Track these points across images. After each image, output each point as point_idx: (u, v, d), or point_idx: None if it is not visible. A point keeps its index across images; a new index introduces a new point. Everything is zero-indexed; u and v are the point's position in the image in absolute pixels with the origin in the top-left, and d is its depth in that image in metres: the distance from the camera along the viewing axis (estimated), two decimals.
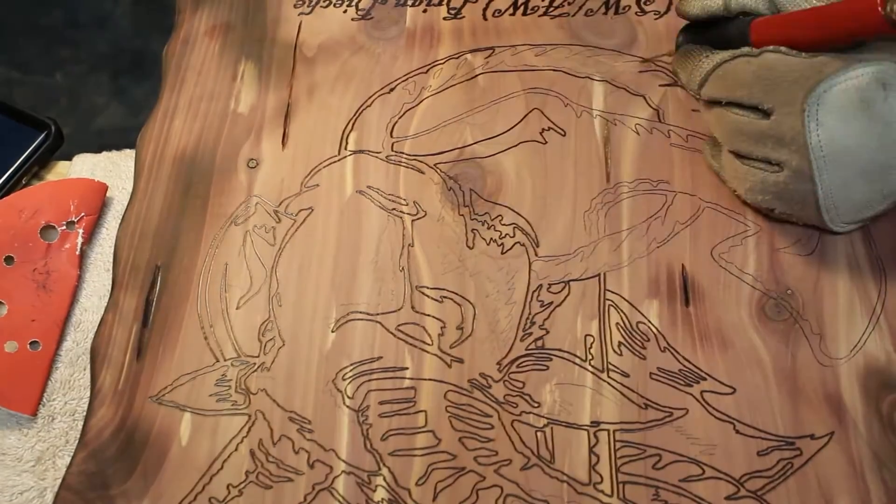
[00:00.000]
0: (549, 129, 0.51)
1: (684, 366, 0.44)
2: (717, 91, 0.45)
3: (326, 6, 0.58)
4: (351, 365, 0.45)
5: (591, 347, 0.44)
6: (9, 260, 0.49)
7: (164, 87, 0.55)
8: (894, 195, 0.43)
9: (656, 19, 0.54)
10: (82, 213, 0.51)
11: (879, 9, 0.38)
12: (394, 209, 0.49)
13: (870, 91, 0.40)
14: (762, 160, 0.44)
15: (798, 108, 0.41)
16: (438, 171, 0.50)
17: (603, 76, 0.52)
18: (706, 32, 0.47)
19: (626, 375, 0.44)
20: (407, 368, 0.45)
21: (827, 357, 0.43)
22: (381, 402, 0.44)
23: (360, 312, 0.46)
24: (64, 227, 0.51)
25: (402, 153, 0.51)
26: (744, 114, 0.43)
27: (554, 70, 0.53)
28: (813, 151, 0.41)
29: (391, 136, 0.52)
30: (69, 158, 0.55)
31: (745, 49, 0.43)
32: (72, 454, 0.44)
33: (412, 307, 0.46)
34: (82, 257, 0.51)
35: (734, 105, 0.44)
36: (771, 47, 0.42)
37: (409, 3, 0.57)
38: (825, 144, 0.41)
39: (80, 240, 0.51)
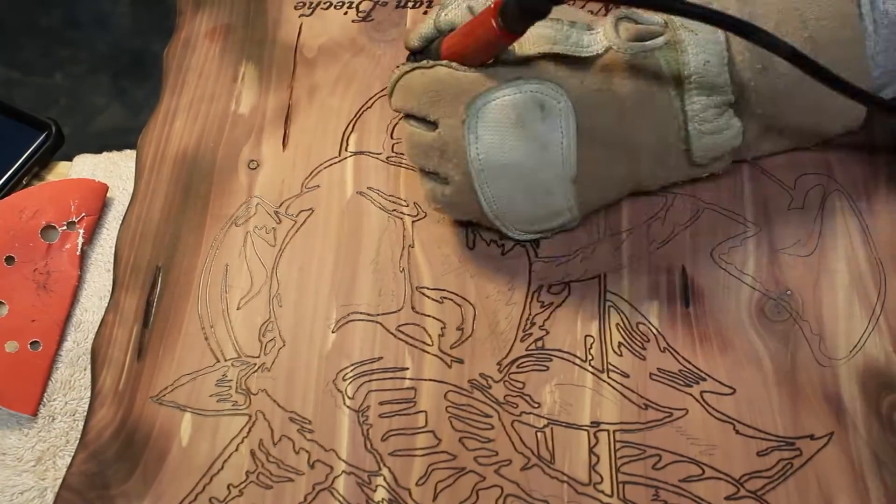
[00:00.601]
0: None
1: (684, 366, 0.44)
2: (397, 101, 0.44)
3: (327, 8, 0.58)
4: (351, 365, 0.45)
5: (591, 348, 0.44)
6: (9, 260, 0.49)
7: (164, 88, 0.55)
8: (563, 214, 0.44)
9: None
10: (83, 214, 0.51)
11: (492, 20, 0.37)
12: (394, 210, 0.49)
13: (526, 109, 0.40)
14: (433, 172, 0.44)
15: (458, 121, 0.41)
16: None
17: None
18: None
19: (626, 376, 0.44)
20: (407, 369, 0.45)
21: (826, 357, 0.43)
22: (381, 403, 0.44)
23: (361, 313, 0.47)
24: (64, 228, 0.51)
25: (403, 154, 0.51)
26: (416, 125, 0.43)
27: None
28: (472, 165, 0.41)
29: (391, 138, 0.52)
30: (69, 159, 0.55)
31: (424, 61, 0.43)
32: (72, 454, 0.44)
33: (412, 308, 0.46)
34: (83, 257, 0.51)
35: (410, 117, 0.44)
36: (444, 62, 0.42)
37: (410, 5, 0.57)
38: (483, 159, 0.41)
39: (80, 240, 0.51)
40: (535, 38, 0.41)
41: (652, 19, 0.43)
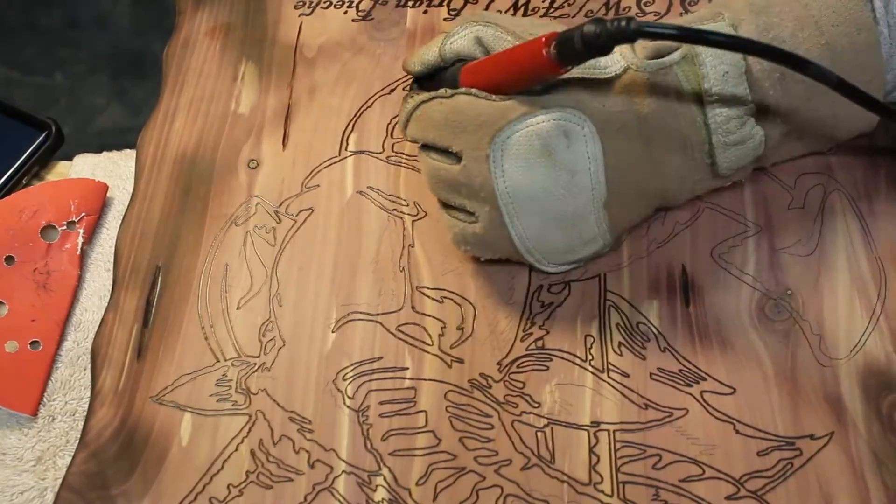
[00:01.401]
0: None
1: (684, 366, 0.44)
2: (415, 132, 0.43)
3: (327, 7, 0.58)
4: (351, 365, 0.45)
5: (591, 348, 0.44)
6: (9, 260, 0.49)
7: (164, 87, 0.55)
8: (596, 241, 0.43)
9: (656, 20, 0.54)
10: (83, 213, 0.51)
11: (543, 51, 0.36)
12: (394, 209, 0.49)
13: (551, 138, 0.39)
14: (460, 209, 0.43)
15: (483, 154, 0.40)
16: None
17: None
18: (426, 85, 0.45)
19: (626, 375, 0.44)
20: (407, 368, 0.45)
21: (827, 357, 0.43)
22: (381, 403, 0.44)
23: (361, 313, 0.47)
24: (64, 227, 0.51)
25: (403, 154, 0.51)
26: (439, 158, 0.42)
27: None
28: (501, 199, 0.40)
29: (392, 137, 0.52)
30: (69, 158, 0.55)
31: (441, 90, 0.41)
32: (72, 454, 0.44)
33: (412, 307, 0.46)
34: (83, 257, 0.51)
35: (430, 148, 0.43)
36: (463, 89, 0.41)
37: (410, 4, 0.57)
38: (512, 192, 0.40)
39: (80, 240, 0.51)
40: None
41: None
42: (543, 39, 0.36)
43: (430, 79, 0.44)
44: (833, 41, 0.40)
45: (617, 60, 0.41)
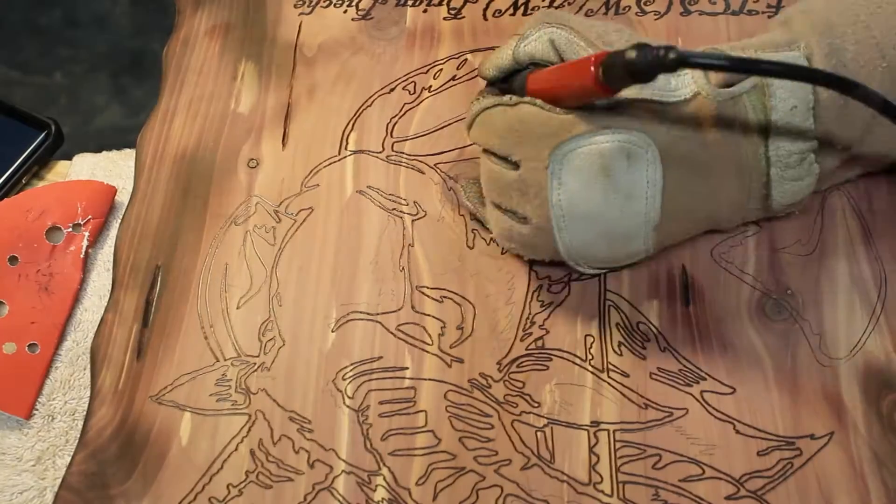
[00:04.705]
0: None
1: (684, 366, 0.44)
2: (477, 136, 0.43)
3: (327, 6, 0.58)
4: (351, 365, 0.45)
5: (591, 347, 0.44)
6: (13, 260, 0.49)
7: (163, 87, 0.55)
8: (639, 255, 0.43)
9: (656, 20, 0.54)
10: (89, 216, 0.51)
11: (591, 68, 0.36)
12: (394, 209, 0.49)
13: (613, 159, 0.39)
14: (511, 211, 0.43)
15: (542, 165, 0.40)
16: (439, 171, 0.50)
17: None
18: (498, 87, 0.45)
19: (626, 375, 0.44)
20: (407, 368, 0.45)
21: (827, 357, 0.43)
22: (381, 402, 0.44)
23: (361, 312, 0.46)
24: (70, 230, 0.50)
25: (403, 153, 0.51)
26: (497, 163, 0.42)
27: None
28: (554, 210, 0.40)
29: (391, 136, 0.52)
30: (69, 158, 0.55)
31: (506, 98, 0.41)
32: (72, 454, 0.44)
33: (412, 307, 0.46)
34: (86, 260, 0.50)
35: (491, 153, 0.43)
36: (528, 99, 0.41)
37: (410, 3, 0.57)
38: (566, 205, 0.40)
39: (85, 243, 0.50)
40: None
41: None
42: (592, 59, 0.36)
43: (503, 80, 0.44)
44: (894, 64, 0.40)
45: (688, 83, 0.40)
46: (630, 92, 0.39)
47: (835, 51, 0.40)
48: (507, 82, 0.44)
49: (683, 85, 0.40)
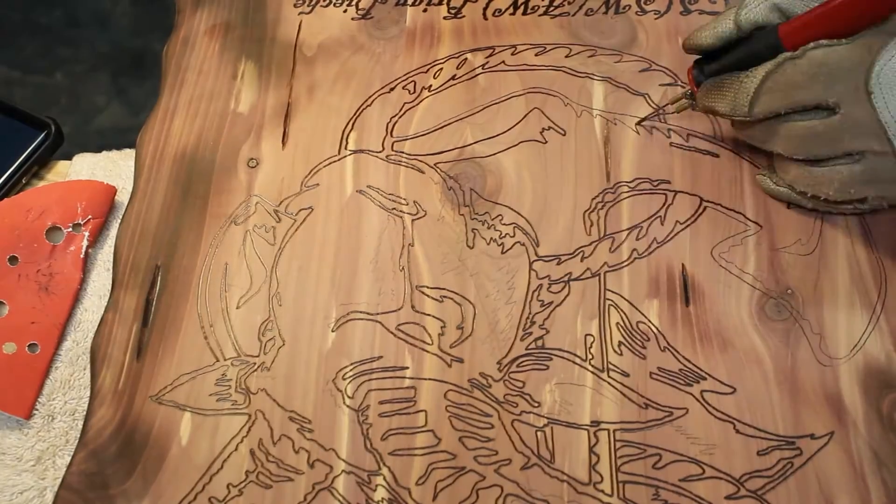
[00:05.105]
0: (550, 128, 0.51)
1: (684, 365, 0.44)
2: (773, 103, 0.43)
3: (326, 6, 0.58)
4: (351, 364, 0.45)
5: (591, 347, 0.44)
6: (13, 260, 0.49)
7: (163, 86, 0.55)
8: None
9: (656, 19, 0.54)
10: (89, 216, 0.51)
11: None
12: (394, 209, 0.49)
13: None
14: (842, 156, 0.43)
15: (864, 95, 0.40)
16: (438, 170, 0.50)
17: (603, 76, 0.52)
18: (723, 59, 0.45)
19: (626, 375, 0.44)
20: (407, 368, 0.45)
21: (827, 357, 0.43)
22: (381, 402, 0.44)
23: (360, 312, 0.46)
24: (70, 230, 0.50)
25: (403, 153, 0.51)
26: (807, 117, 0.43)
27: (554, 69, 0.53)
28: (890, 129, 0.41)
29: (391, 136, 0.52)
30: (69, 158, 0.55)
31: (785, 54, 0.42)
32: (72, 454, 0.44)
33: (412, 307, 0.46)
34: (86, 260, 0.50)
35: (794, 113, 0.43)
36: (811, 44, 0.42)
37: (410, 2, 0.57)
38: None
39: (85, 243, 0.50)
40: None
41: None
42: None
43: (711, 59, 0.45)
44: None
45: None
46: None
47: None
48: (722, 60, 0.45)
49: None
